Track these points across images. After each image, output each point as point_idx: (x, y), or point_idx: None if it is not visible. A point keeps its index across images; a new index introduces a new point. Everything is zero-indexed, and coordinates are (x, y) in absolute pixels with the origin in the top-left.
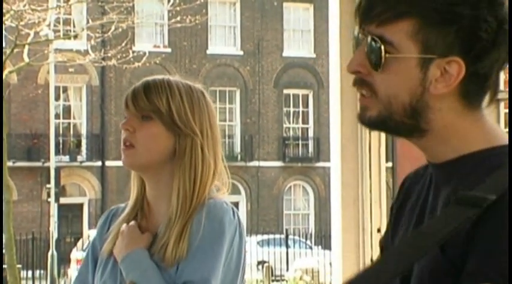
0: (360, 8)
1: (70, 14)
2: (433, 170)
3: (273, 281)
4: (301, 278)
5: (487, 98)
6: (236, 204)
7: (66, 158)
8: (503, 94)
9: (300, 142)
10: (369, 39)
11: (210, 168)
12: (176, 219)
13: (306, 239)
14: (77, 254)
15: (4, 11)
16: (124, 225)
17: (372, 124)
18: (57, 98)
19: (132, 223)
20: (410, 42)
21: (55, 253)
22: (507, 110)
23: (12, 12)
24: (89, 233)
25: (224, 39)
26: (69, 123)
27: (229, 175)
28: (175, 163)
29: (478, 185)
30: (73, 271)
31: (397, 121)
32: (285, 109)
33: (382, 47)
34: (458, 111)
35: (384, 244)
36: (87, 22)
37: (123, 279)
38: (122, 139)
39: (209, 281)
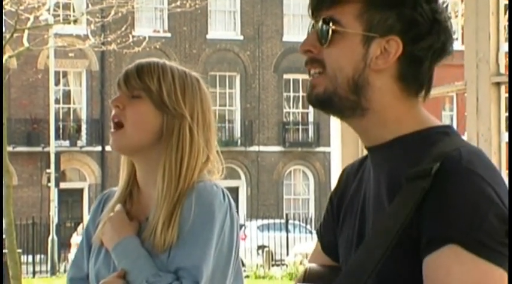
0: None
1: None
2: (371, 154)
3: (273, 265)
4: (301, 263)
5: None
6: (236, 189)
7: (66, 143)
8: (504, 78)
9: (300, 127)
10: (320, 21)
11: (199, 152)
12: (162, 202)
13: (306, 224)
14: (77, 239)
15: None
16: (111, 212)
17: (320, 101)
18: (57, 83)
19: (119, 208)
20: (356, 22)
21: (55, 238)
22: (507, 94)
23: None
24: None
25: (224, 24)
26: (69, 108)
27: (223, 162)
28: (163, 145)
29: (419, 161)
30: (73, 255)
31: (341, 97)
32: (285, 94)
33: (331, 24)
34: (396, 94)
35: (322, 233)
36: (87, 7)
37: (116, 267)
38: (111, 117)
39: (200, 267)
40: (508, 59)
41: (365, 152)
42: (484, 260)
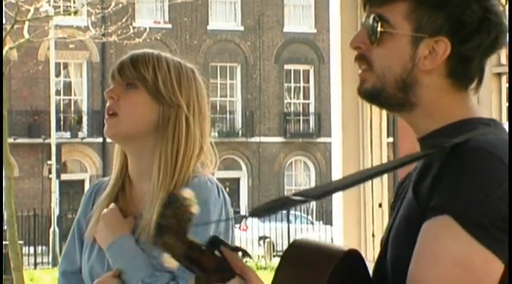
0: None
1: None
2: (419, 145)
3: (274, 256)
4: None
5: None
6: (237, 180)
7: (67, 134)
8: (504, 69)
9: (301, 117)
10: (371, 18)
11: (195, 142)
12: (158, 193)
13: (308, 214)
14: None
15: None
16: (105, 209)
17: (368, 95)
18: (57, 74)
19: (113, 206)
20: (405, 22)
21: (57, 229)
22: (508, 85)
23: None
24: None
25: (225, 15)
26: (69, 100)
27: (217, 154)
28: (159, 135)
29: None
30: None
31: (389, 94)
32: (285, 84)
33: (379, 23)
34: (445, 89)
35: (383, 238)
36: None
37: (111, 264)
38: (105, 108)
39: None
40: (508, 50)
41: (366, 143)
42: (474, 239)
